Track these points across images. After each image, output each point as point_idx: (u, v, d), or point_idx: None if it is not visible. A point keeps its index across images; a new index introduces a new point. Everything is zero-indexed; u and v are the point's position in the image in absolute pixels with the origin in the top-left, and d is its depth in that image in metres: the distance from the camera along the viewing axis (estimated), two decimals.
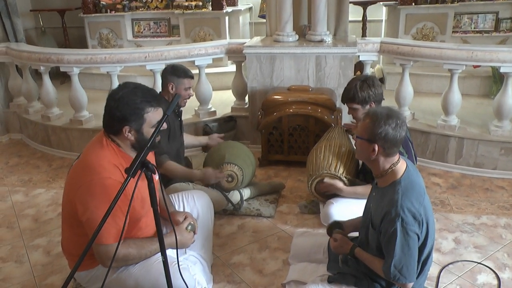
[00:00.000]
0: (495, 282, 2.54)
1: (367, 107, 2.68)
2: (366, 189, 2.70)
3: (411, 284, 1.90)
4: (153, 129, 1.85)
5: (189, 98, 3.16)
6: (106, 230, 1.82)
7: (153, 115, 1.91)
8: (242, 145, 3.44)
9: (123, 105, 1.88)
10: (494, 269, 2.64)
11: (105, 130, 1.97)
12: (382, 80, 5.67)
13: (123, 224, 1.80)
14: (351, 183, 2.84)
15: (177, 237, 1.94)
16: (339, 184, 2.78)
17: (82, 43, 6.99)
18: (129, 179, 1.48)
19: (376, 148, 1.85)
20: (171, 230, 2.17)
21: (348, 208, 2.72)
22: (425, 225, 1.85)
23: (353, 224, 2.31)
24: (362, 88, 2.67)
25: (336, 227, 2.26)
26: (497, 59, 3.65)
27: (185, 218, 2.24)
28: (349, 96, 2.71)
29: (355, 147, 2.04)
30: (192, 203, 2.50)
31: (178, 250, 2.10)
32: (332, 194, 2.90)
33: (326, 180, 2.81)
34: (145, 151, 1.53)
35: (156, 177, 1.61)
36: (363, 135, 1.88)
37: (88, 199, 1.84)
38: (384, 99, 2.81)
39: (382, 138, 1.84)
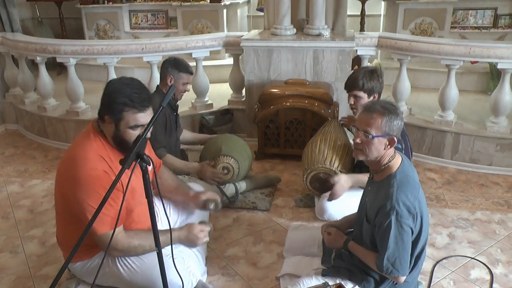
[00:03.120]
0: (488, 277, 2.55)
1: (371, 98, 2.67)
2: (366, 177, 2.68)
3: (403, 278, 1.91)
4: (130, 131, 1.87)
5: (185, 92, 3.17)
6: (99, 220, 1.83)
7: (132, 116, 1.86)
8: (239, 139, 3.44)
9: (109, 96, 1.88)
10: (487, 264, 2.65)
11: (98, 114, 1.98)
12: None
13: (115, 212, 1.82)
14: None
15: (186, 235, 2.14)
16: (342, 177, 2.71)
17: (79, 34, 6.95)
18: (124, 170, 1.48)
19: (396, 140, 1.87)
20: (185, 225, 2.20)
21: (343, 202, 2.73)
22: (419, 219, 1.86)
23: (348, 221, 2.31)
24: (371, 78, 2.66)
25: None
26: (495, 55, 3.64)
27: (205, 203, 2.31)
28: (356, 83, 2.68)
29: (352, 143, 2.03)
30: None
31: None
32: (327, 187, 2.90)
33: (330, 179, 2.77)
34: (141, 142, 1.53)
35: (150, 168, 1.61)
36: (378, 132, 1.86)
37: (77, 191, 1.85)
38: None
39: (398, 129, 1.87)
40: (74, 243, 1.88)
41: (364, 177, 2.70)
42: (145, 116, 1.89)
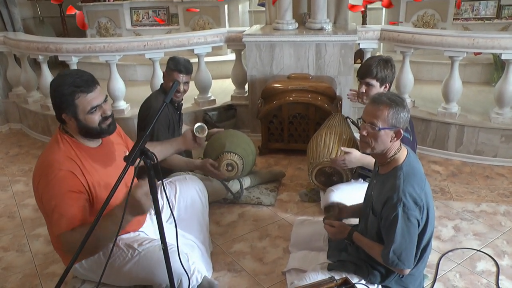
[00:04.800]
0: (494, 269, 2.55)
1: (383, 87, 2.63)
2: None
3: (408, 270, 1.91)
4: (91, 116, 1.86)
5: (180, 93, 3.07)
6: (57, 221, 1.84)
7: (84, 100, 1.85)
8: (243, 134, 3.43)
9: (56, 93, 1.87)
10: (493, 257, 2.65)
11: (57, 119, 1.96)
12: None
13: (72, 213, 1.82)
14: (352, 170, 2.84)
15: (129, 199, 1.60)
16: (356, 152, 2.62)
17: (80, 33, 6.94)
18: (128, 167, 1.48)
19: (402, 132, 1.86)
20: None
21: (348, 196, 2.72)
22: (425, 210, 1.86)
23: (351, 209, 2.30)
24: (385, 67, 2.60)
25: (330, 210, 2.26)
26: (499, 46, 3.62)
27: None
28: (369, 71, 2.60)
29: (359, 139, 2.00)
30: (182, 187, 2.49)
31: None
32: (332, 181, 2.90)
33: (342, 148, 2.70)
34: (144, 139, 1.52)
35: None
36: (385, 125, 1.84)
37: (44, 192, 1.86)
38: None
39: (404, 121, 1.86)
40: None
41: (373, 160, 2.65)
42: (96, 96, 1.88)
